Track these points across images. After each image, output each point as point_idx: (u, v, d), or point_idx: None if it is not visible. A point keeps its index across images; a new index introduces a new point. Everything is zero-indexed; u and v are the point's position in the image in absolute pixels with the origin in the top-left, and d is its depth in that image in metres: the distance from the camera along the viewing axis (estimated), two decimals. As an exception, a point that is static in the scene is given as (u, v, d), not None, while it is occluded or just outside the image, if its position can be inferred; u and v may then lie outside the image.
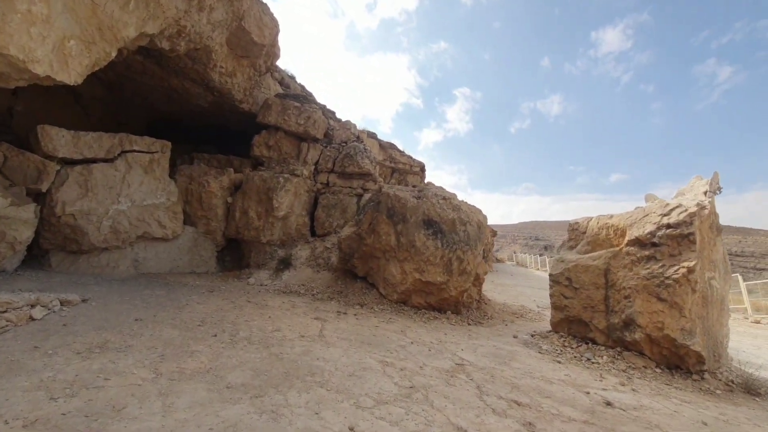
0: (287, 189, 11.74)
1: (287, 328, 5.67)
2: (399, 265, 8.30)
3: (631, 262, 5.52)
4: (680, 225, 5.15)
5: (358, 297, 8.74)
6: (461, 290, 7.83)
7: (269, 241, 11.67)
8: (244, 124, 14.39)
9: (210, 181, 11.74)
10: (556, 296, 6.53)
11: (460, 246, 7.90)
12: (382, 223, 8.55)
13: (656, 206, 5.65)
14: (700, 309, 5.00)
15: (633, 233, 5.60)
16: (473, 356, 5.16)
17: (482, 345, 5.86)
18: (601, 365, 5.24)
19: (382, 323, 6.81)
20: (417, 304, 8.16)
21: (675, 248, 5.16)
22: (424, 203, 8.27)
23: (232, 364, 4.00)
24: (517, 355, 5.43)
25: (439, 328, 6.86)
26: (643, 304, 5.22)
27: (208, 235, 12.00)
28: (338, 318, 6.90)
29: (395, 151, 24.03)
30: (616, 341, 5.56)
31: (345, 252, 9.35)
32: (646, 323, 5.15)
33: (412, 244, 8.11)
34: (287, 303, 7.90)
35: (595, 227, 6.41)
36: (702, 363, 4.84)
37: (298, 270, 11.14)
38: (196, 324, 5.55)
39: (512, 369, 4.76)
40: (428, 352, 5.15)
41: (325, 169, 13.16)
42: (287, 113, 12.84)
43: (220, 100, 12.86)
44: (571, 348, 5.93)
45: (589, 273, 6.05)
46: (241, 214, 11.85)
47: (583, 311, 6.07)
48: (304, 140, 13.20)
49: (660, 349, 5.12)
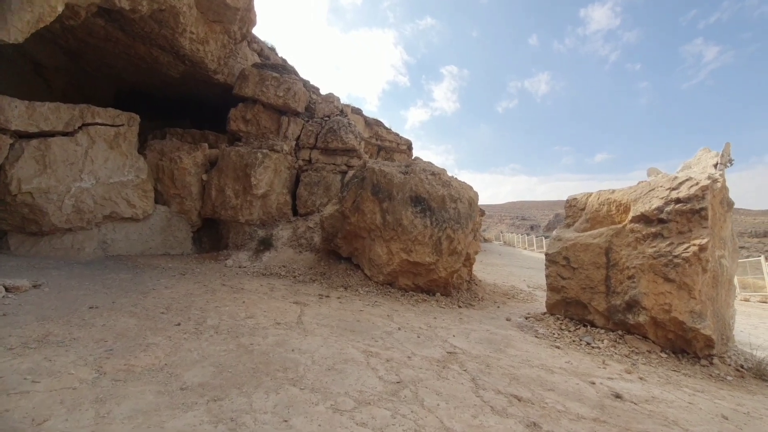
0: (266, 165, 11.02)
1: (262, 315, 5.13)
2: (385, 245, 7.79)
3: (636, 240, 5.10)
4: (691, 199, 4.72)
5: (342, 279, 8.24)
6: (451, 271, 7.39)
7: (248, 221, 11.01)
8: (220, 98, 13.49)
9: (183, 157, 10.93)
10: (553, 277, 6.12)
11: (450, 224, 7.41)
12: (366, 201, 7.98)
13: (663, 180, 5.21)
14: (710, 290, 4.63)
15: (638, 209, 5.16)
16: (466, 343, 4.72)
17: (475, 330, 5.44)
18: (602, 350, 4.87)
19: (367, 307, 6.33)
20: (404, 285, 7.70)
21: (685, 225, 4.75)
22: (411, 179, 7.71)
23: (192, 359, 3.46)
24: (512, 341, 5.01)
25: (428, 312, 6.42)
26: (648, 284, 4.83)
27: (183, 215, 11.27)
28: (320, 302, 6.40)
29: (381, 128, 23.25)
30: (618, 324, 5.20)
31: (328, 231, 8.78)
32: (651, 305, 4.77)
33: (399, 222, 7.58)
34: (265, 286, 7.35)
35: (595, 203, 5.96)
36: (711, 347, 4.49)
37: (280, 251, 10.56)
38: (159, 311, 4.97)
39: (509, 357, 4.34)
40: (417, 339, 4.69)
41: (307, 144, 12.43)
42: (265, 84, 11.98)
43: (192, 70, 11.92)
44: (568, 331, 5.55)
45: (588, 252, 5.63)
46: (217, 192, 11.12)
47: (582, 292, 5.68)
48: (284, 114, 12.39)
49: (665, 333, 4.76)
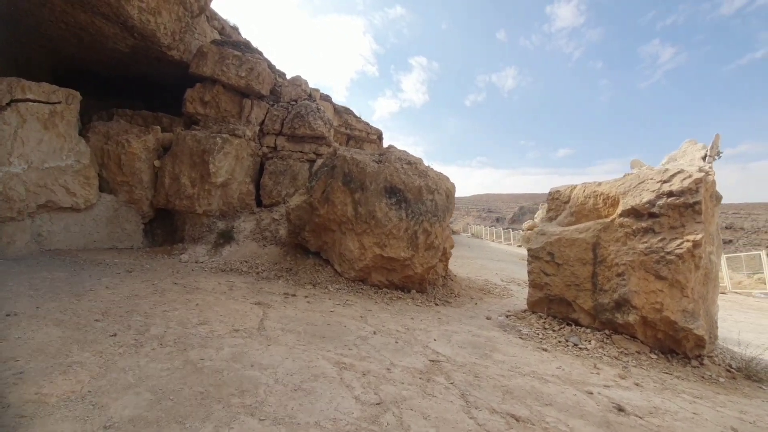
0: (226, 151, 10.13)
1: (218, 320, 4.47)
2: (357, 239, 7.24)
3: (626, 235, 4.83)
4: (684, 193, 4.47)
5: (310, 275, 7.63)
6: (428, 267, 6.95)
7: (206, 212, 10.12)
8: (176, 77, 12.33)
9: (131, 141, 9.85)
10: (536, 273, 5.80)
11: (427, 217, 6.96)
12: (337, 191, 7.38)
13: (653, 172, 4.95)
14: (701, 287, 4.42)
15: (628, 202, 4.89)
16: (449, 348, 4.28)
17: (456, 331, 5.02)
18: (590, 352, 4.58)
19: (338, 307, 5.78)
20: (377, 282, 7.20)
21: (677, 219, 4.50)
22: (386, 168, 7.18)
23: (125, 383, 2.79)
24: (497, 344, 4.63)
25: (405, 311, 5.95)
26: (639, 282, 4.57)
27: (132, 205, 10.21)
28: (285, 302, 5.78)
29: (351, 116, 22.51)
30: (605, 323, 4.93)
31: (294, 224, 8.12)
32: (642, 304, 4.51)
33: (372, 214, 7.05)
34: (224, 284, 6.64)
35: (580, 196, 5.67)
36: (702, 347, 4.29)
37: (241, 244, 9.77)
38: (93, 318, 4.20)
39: (497, 364, 3.94)
40: (395, 345, 4.20)
41: (272, 130, 11.60)
42: (226, 63, 11.02)
43: (143, 44, 10.76)
44: (553, 331, 5.25)
45: (575, 247, 5.33)
46: (171, 180, 10.14)
47: (567, 290, 5.39)
48: (247, 96, 11.49)
49: (655, 333, 4.53)
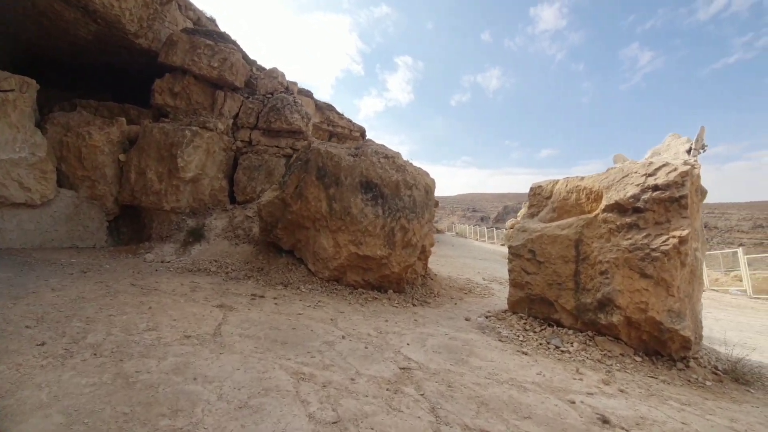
0: (196, 145, 9.62)
1: (169, 325, 4.05)
2: (331, 237, 6.86)
3: (609, 231, 4.59)
4: (670, 187, 4.25)
5: (282, 275, 7.23)
6: (405, 266, 6.63)
7: (175, 209, 9.59)
8: (146, 68, 11.70)
9: (93, 133, 9.25)
10: (517, 272, 5.54)
11: (405, 213, 6.63)
12: (310, 186, 6.99)
13: (637, 165, 4.73)
14: (687, 286, 4.20)
15: (611, 197, 4.65)
16: (422, 353, 3.96)
17: (432, 334, 4.70)
18: (572, 354, 4.32)
19: (307, 309, 5.40)
20: (353, 282, 6.84)
21: (662, 214, 4.28)
22: (362, 162, 6.82)
23: (36, 403, 2.38)
24: (475, 347, 4.33)
25: (379, 313, 5.61)
26: (623, 281, 4.33)
27: (95, 201, 9.62)
28: (251, 304, 5.38)
29: (333, 113, 22.06)
30: (587, 324, 4.69)
31: (266, 221, 7.69)
32: (626, 304, 4.27)
33: (348, 211, 6.69)
34: (187, 285, 6.19)
35: (562, 191, 5.42)
36: (687, 349, 4.07)
37: (212, 243, 9.29)
38: (23, 325, 3.74)
39: (473, 371, 3.63)
40: (364, 351, 3.85)
41: (246, 124, 11.11)
42: (197, 53, 10.48)
43: (107, 31, 10.14)
44: (533, 332, 4.99)
45: (556, 244, 5.07)
46: (137, 175, 9.57)
47: (548, 289, 5.13)
48: (220, 88, 10.97)
49: (639, 334, 4.30)
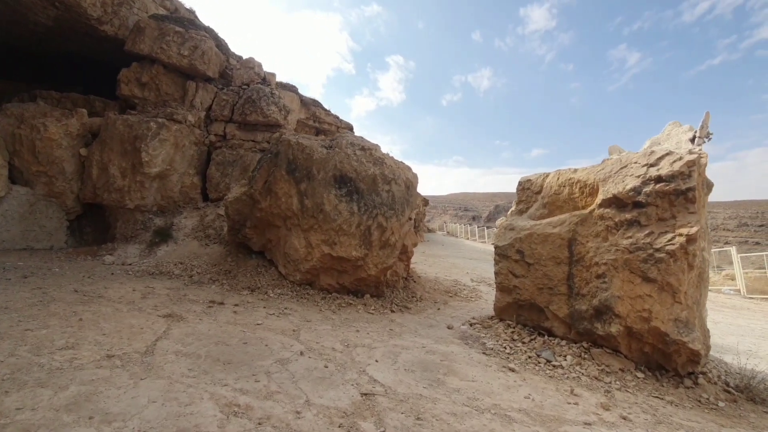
0: (163, 138, 8.94)
1: (93, 342, 3.42)
2: (303, 236, 6.27)
3: (607, 229, 4.06)
4: (675, 178, 3.73)
5: (250, 278, 6.61)
6: (383, 268, 6.05)
7: (140, 207, 8.90)
8: (114, 58, 10.95)
9: (48, 125, 8.52)
10: (504, 274, 4.99)
11: (383, 210, 6.05)
12: (280, 181, 6.38)
13: (637, 155, 4.21)
14: (695, 291, 3.69)
15: (609, 190, 4.11)
16: (392, 373, 3.39)
17: (407, 347, 4.13)
18: (566, 370, 3.78)
19: (270, 317, 4.81)
20: (327, 286, 6.25)
21: (667, 210, 3.76)
22: (336, 154, 6.22)
23: None
24: (455, 363, 3.77)
25: (351, 321, 5.03)
26: (623, 285, 3.80)
27: (53, 199, 8.90)
28: (205, 313, 4.77)
29: (319, 109, 21.34)
30: (582, 334, 4.15)
31: (233, 219, 7.06)
32: (626, 312, 3.75)
33: (320, 208, 6.09)
34: (139, 291, 5.55)
35: (554, 184, 4.89)
36: (696, 363, 3.56)
37: (180, 244, 8.64)
38: None
39: (449, 395, 3.07)
40: (322, 372, 3.27)
41: (220, 117, 10.45)
42: (166, 40, 9.77)
43: (68, 16, 9.42)
44: (522, 343, 4.44)
45: (547, 244, 4.53)
46: (99, 170, 8.87)
47: (538, 294, 4.59)
48: (192, 78, 10.28)
49: (641, 346, 3.78)
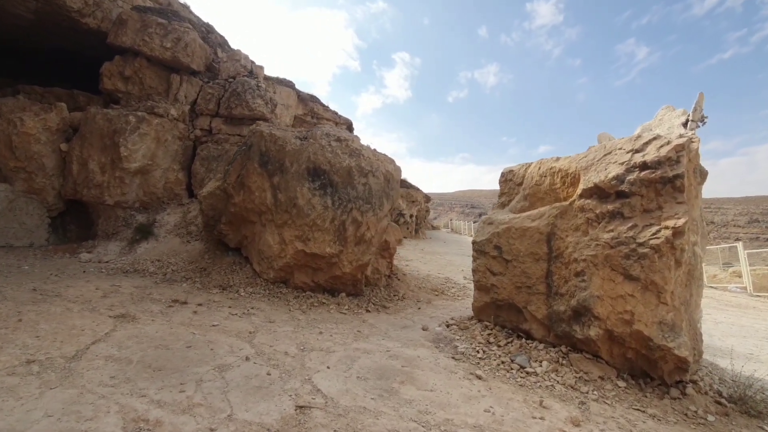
0: (143, 132, 8.70)
1: (20, 345, 3.15)
2: (277, 232, 5.97)
3: (587, 221, 3.69)
4: (661, 164, 3.35)
5: (224, 276, 6.34)
6: (358, 265, 5.72)
7: (120, 203, 8.68)
8: (99, 51, 10.73)
9: (26, 120, 8.32)
10: (481, 272, 4.64)
11: (358, 204, 5.72)
12: (253, 174, 6.08)
13: (622, 141, 3.82)
14: (683, 290, 3.31)
15: (590, 179, 3.74)
16: (340, 381, 3.06)
17: (369, 351, 3.81)
18: (539, 378, 3.43)
19: (231, 318, 4.52)
20: (301, 284, 5.94)
21: (652, 200, 3.38)
22: (309, 146, 5.90)
23: None
24: (417, 369, 3.44)
25: (318, 322, 4.72)
26: (603, 284, 3.43)
27: (34, 196, 8.71)
28: (162, 313, 4.49)
29: (317, 104, 21.06)
30: (561, 337, 3.79)
31: (208, 215, 6.79)
32: (606, 313, 3.38)
33: (293, 202, 5.79)
34: (103, 290, 5.30)
35: (535, 175, 4.51)
36: (683, 371, 3.18)
37: (161, 241, 8.40)
38: None
39: (398, 408, 2.74)
40: (262, 380, 2.96)
41: (206, 111, 10.18)
42: (148, 32, 9.52)
43: (48, 8, 9.24)
44: (497, 347, 4.09)
45: (525, 239, 4.17)
46: (79, 166, 8.67)
47: (516, 293, 4.23)
48: (176, 71, 10.02)
49: (623, 351, 3.41)
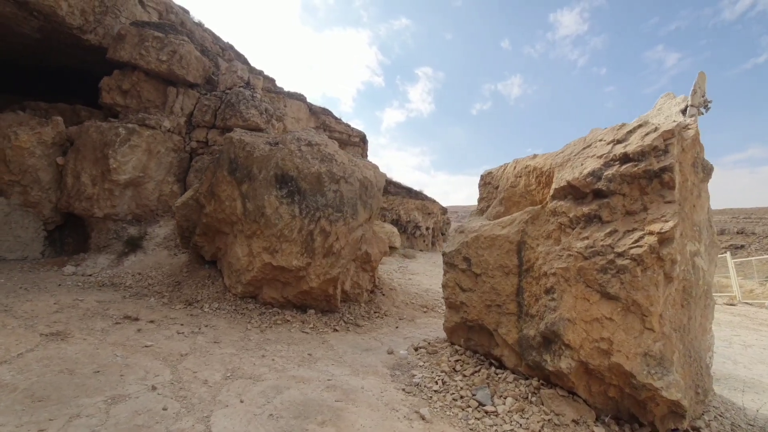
0: (134, 144, 8.64)
1: None
2: (246, 243, 5.59)
3: (559, 227, 3.07)
4: (646, 155, 2.71)
5: (194, 291, 6.00)
6: (327, 279, 5.23)
7: (110, 216, 8.59)
8: (101, 67, 10.93)
9: (20, 133, 8.42)
10: (450, 287, 4.05)
11: (327, 213, 5.26)
12: (222, 182, 5.76)
13: (605, 131, 3.21)
14: (677, 312, 2.63)
15: (563, 176, 3.13)
16: (244, 421, 2.55)
17: (306, 380, 3.29)
18: (499, 418, 2.80)
19: (173, 337, 4.12)
20: (270, 299, 5.51)
21: (636, 199, 2.74)
22: (278, 151, 5.52)
23: None
24: (352, 404, 2.89)
25: (270, 343, 4.24)
26: (576, 304, 2.79)
27: (30, 209, 8.75)
28: (103, 331, 4.17)
29: (329, 117, 21.06)
30: (533, 368, 3.15)
31: (182, 226, 6.52)
32: (579, 341, 2.73)
33: (261, 211, 5.40)
34: (59, 305, 5.07)
35: (510, 175, 3.93)
36: (680, 417, 2.49)
37: (149, 254, 8.23)
38: None
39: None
40: (153, 416, 2.49)
41: (202, 122, 10.10)
42: (145, 46, 9.57)
43: (50, 27, 9.44)
44: (462, 376, 3.48)
45: (494, 249, 3.57)
46: (73, 179, 8.68)
47: (486, 312, 3.62)
48: (173, 84, 10.02)
49: (604, 388, 2.74)
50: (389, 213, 22.30)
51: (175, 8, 13.44)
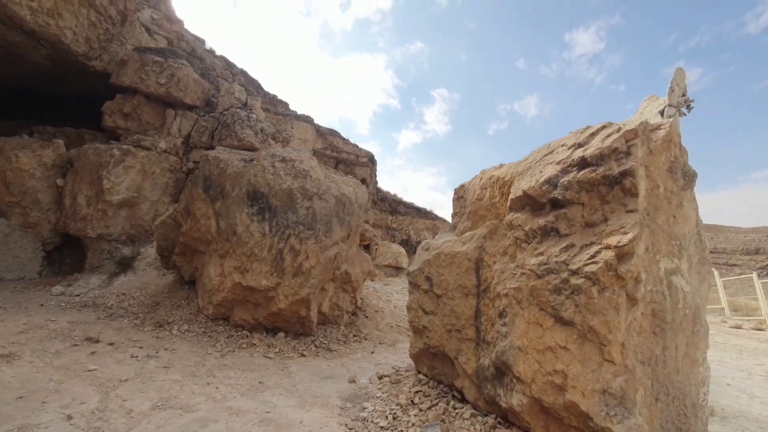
0: (128, 165, 8.73)
1: None
2: (219, 263, 5.40)
3: (515, 242, 2.73)
4: (605, 158, 2.39)
5: (168, 312, 5.83)
6: (297, 299, 4.96)
7: (103, 236, 8.62)
8: (107, 92, 11.28)
9: (20, 156, 8.63)
10: (414, 310, 3.71)
11: (297, 231, 5.03)
12: (197, 200, 5.65)
13: (568, 135, 2.90)
14: (647, 341, 2.23)
15: (520, 186, 2.81)
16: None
17: (241, 412, 2.98)
18: (444, 463, 2.43)
19: (124, 361, 3.91)
20: (242, 321, 5.26)
21: (597, 209, 2.40)
22: (251, 168, 5.38)
23: None
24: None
25: (224, 369, 3.96)
26: (528, 330, 2.43)
27: (29, 230, 8.89)
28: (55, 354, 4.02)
29: (337, 138, 21.16)
30: (489, 403, 2.76)
31: (161, 246, 6.41)
32: (531, 374, 2.35)
33: (233, 229, 5.23)
34: (28, 325, 5.01)
35: (477, 187, 3.62)
36: (651, 469, 2.07)
37: (139, 274, 8.18)
38: None
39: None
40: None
41: (200, 143, 10.18)
42: (145, 70, 9.83)
43: (57, 54, 9.80)
44: (419, 410, 3.11)
45: (454, 267, 3.24)
46: (71, 200, 8.80)
47: (447, 338, 3.26)
48: (172, 106, 10.20)
49: (563, 430, 2.34)
50: (399, 233, 21.99)
51: (187, 36, 13.91)
